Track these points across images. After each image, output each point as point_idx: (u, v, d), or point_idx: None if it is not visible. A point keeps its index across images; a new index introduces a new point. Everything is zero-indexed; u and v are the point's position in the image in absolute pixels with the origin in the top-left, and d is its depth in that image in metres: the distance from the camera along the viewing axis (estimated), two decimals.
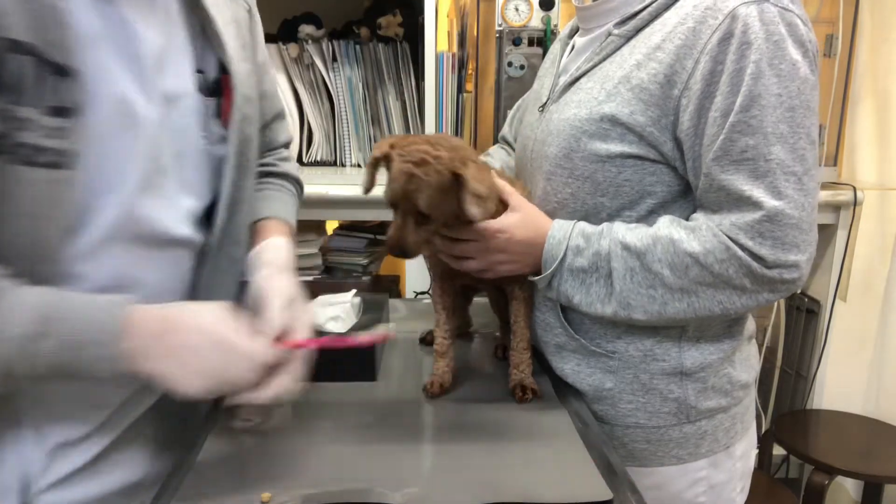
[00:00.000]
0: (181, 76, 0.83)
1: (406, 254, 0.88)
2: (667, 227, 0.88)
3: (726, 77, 0.82)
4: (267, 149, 1.08)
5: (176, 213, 0.83)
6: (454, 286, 1.04)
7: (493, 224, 0.92)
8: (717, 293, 0.86)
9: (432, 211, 0.85)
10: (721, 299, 0.87)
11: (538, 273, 0.95)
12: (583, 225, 0.93)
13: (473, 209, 0.83)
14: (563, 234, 0.92)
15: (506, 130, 1.28)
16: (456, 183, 0.84)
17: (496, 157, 1.23)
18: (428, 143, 0.85)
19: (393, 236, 0.88)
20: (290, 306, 0.81)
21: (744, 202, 0.84)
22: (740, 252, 0.84)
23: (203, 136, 0.86)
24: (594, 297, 0.92)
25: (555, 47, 1.10)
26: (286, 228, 1.01)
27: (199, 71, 0.86)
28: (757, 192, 0.83)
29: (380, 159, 0.87)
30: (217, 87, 0.87)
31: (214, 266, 0.89)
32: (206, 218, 0.89)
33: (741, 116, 0.82)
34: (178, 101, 0.82)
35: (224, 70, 0.87)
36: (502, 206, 0.93)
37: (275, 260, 0.91)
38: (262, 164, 1.05)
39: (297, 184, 1.13)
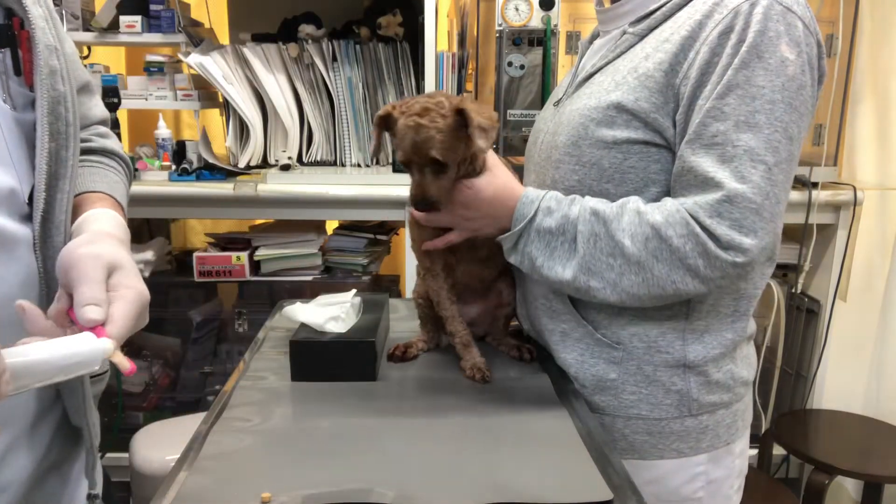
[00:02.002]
0: None
1: (432, 205, 0.92)
2: (635, 201, 0.90)
3: (719, 69, 0.85)
4: (81, 125, 0.90)
5: None
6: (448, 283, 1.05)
7: (462, 182, 0.94)
8: (672, 272, 0.87)
9: (445, 156, 0.89)
10: (675, 279, 0.87)
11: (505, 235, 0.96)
12: (556, 192, 0.95)
13: (480, 141, 0.88)
14: (535, 195, 0.94)
15: None
16: (461, 122, 0.89)
17: None
18: (427, 97, 0.91)
19: (416, 192, 0.92)
20: (110, 275, 0.67)
21: (707, 183, 0.85)
22: (698, 229, 0.85)
23: (3, 98, 0.71)
24: (556, 261, 0.92)
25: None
26: (112, 202, 0.85)
27: None
28: (721, 175, 0.84)
29: (384, 118, 0.93)
30: (8, 36, 0.72)
31: (49, 265, 0.73)
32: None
33: (716, 103, 0.85)
34: None
35: (11, 14, 0.72)
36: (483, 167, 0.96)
37: (101, 228, 0.75)
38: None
39: (123, 162, 0.96)
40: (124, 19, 2.09)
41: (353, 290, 1.15)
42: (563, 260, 0.92)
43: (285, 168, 2.08)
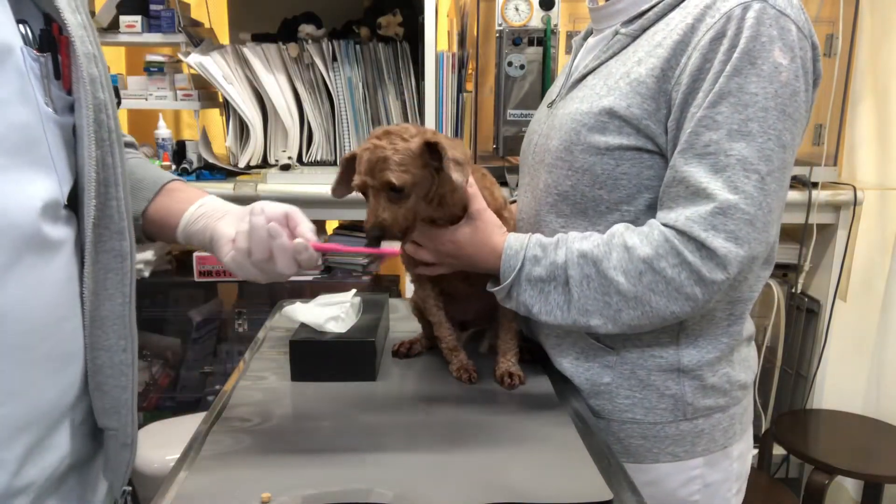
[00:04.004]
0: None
1: (384, 234, 0.87)
2: (621, 234, 0.89)
3: (711, 75, 0.84)
4: None
5: (24, 202, 0.67)
6: (437, 292, 1.05)
7: (445, 234, 0.94)
8: (670, 303, 0.87)
9: (402, 180, 0.85)
10: (674, 309, 0.87)
11: (494, 274, 0.96)
12: (539, 236, 0.94)
13: (456, 174, 0.85)
14: (519, 244, 0.94)
15: None
16: (431, 155, 0.87)
17: None
18: (395, 125, 0.89)
19: (369, 218, 0.87)
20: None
21: (699, 194, 0.84)
22: (691, 257, 0.84)
23: (45, 101, 0.71)
24: (553, 306, 0.92)
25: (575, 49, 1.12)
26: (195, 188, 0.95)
27: (20, 21, 0.69)
28: (713, 185, 0.83)
29: (350, 159, 0.92)
30: (48, 42, 0.72)
31: (97, 268, 0.75)
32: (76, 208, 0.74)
33: (708, 111, 0.84)
34: (3, 58, 0.66)
35: (50, 20, 0.72)
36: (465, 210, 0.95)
37: (232, 206, 0.90)
38: None
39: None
40: (124, 19, 2.09)
41: (353, 290, 1.15)
42: (559, 304, 0.92)
43: (285, 168, 2.08)
